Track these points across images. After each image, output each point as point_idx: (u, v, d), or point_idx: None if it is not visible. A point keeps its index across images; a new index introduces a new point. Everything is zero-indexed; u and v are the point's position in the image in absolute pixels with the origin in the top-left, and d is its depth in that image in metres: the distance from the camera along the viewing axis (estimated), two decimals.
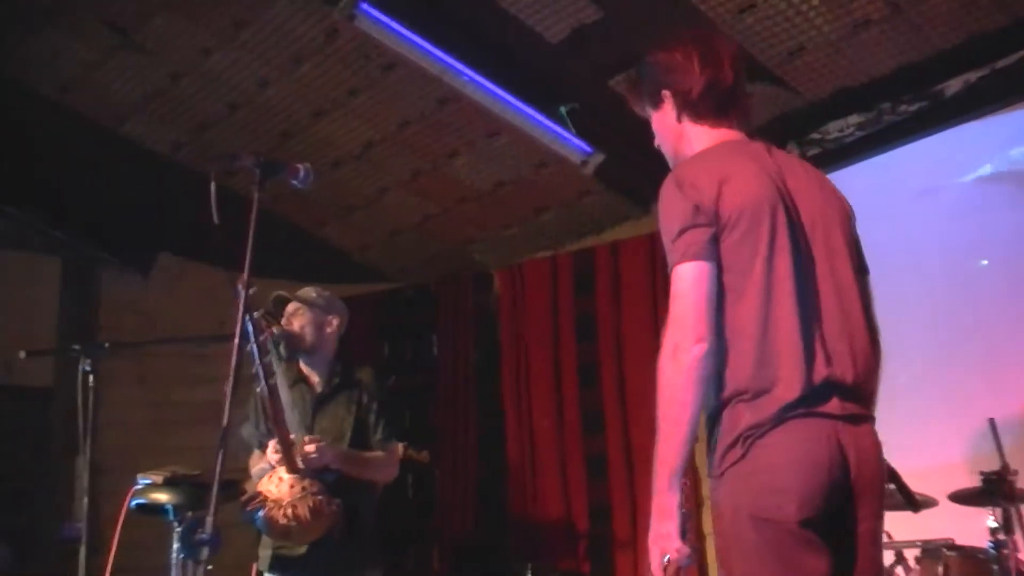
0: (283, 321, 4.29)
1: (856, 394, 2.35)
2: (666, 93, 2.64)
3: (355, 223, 6.85)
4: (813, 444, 2.26)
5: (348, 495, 4.02)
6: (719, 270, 2.35)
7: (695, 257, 2.33)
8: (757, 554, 2.24)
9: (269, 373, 3.78)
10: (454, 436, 6.92)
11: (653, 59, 2.72)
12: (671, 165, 2.64)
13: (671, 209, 2.41)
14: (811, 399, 2.27)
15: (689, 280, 2.32)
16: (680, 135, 2.65)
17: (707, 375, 2.28)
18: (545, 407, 6.57)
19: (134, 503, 4.23)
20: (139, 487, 4.23)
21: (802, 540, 2.22)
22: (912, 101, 5.19)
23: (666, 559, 2.23)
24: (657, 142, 2.72)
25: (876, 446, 2.38)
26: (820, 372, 2.30)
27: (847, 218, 2.57)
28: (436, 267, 7.25)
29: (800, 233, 2.42)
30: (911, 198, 5.40)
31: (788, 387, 2.27)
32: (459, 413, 6.94)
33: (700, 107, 2.62)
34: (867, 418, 2.37)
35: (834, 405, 2.30)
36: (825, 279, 2.42)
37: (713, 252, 2.35)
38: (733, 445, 2.28)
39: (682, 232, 2.36)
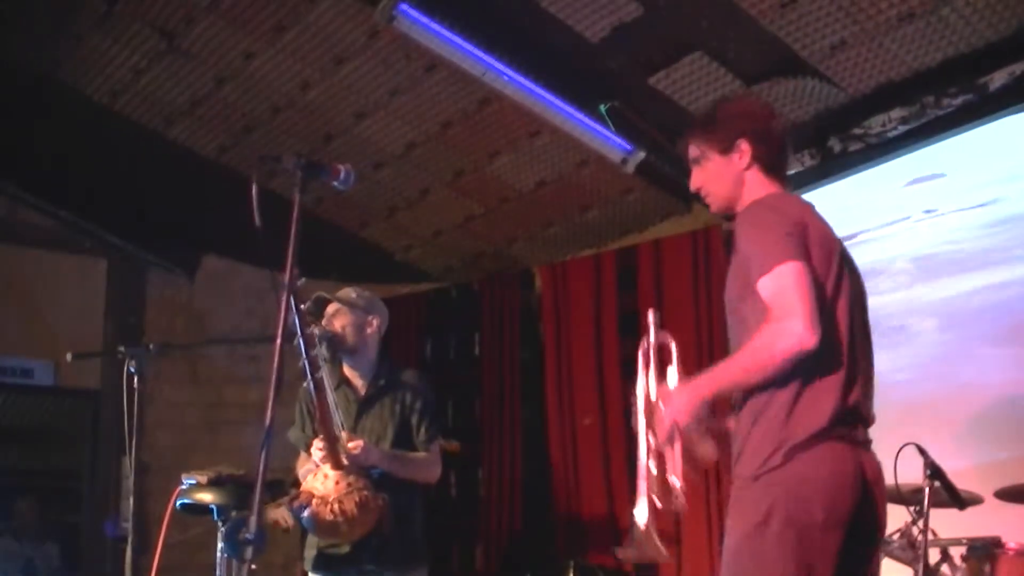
0: (324, 322, 4.29)
1: (868, 424, 2.69)
2: (743, 142, 2.84)
3: (398, 224, 6.88)
4: (842, 464, 2.58)
5: (393, 493, 4.02)
6: None
7: (796, 257, 2.55)
8: (780, 551, 2.50)
9: (315, 367, 3.75)
10: (499, 434, 6.94)
11: (734, 108, 2.97)
12: (715, 208, 2.89)
13: (766, 221, 2.65)
14: (843, 425, 2.59)
15: (793, 276, 2.53)
16: (742, 183, 2.85)
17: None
18: (588, 404, 6.54)
19: (179, 503, 4.25)
20: (184, 487, 4.24)
21: (825, 532, 2.51)
22: (956, 94, 5.13)
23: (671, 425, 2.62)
24: (702, 186, 2.90)
25: (879, 465, 2.73)
26: (853, 403, 2.62)
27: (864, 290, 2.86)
28: (479, 267, 7.27)
29: (853, 285, 2.74)
30: None
31: (828, 412, 2.57)
32: (503, 411, 6.96)
33: (775, 161, 2.88)
34: (871, 442, 2.71)
35: (860, 433, 2.66)
36: (859, 328, 2.73)
37: (808, 259, 2.60)
38: (773, 453, 2.55)
39: (781, 238, 2.59)
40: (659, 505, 2.74)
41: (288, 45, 5.36)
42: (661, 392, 2.75)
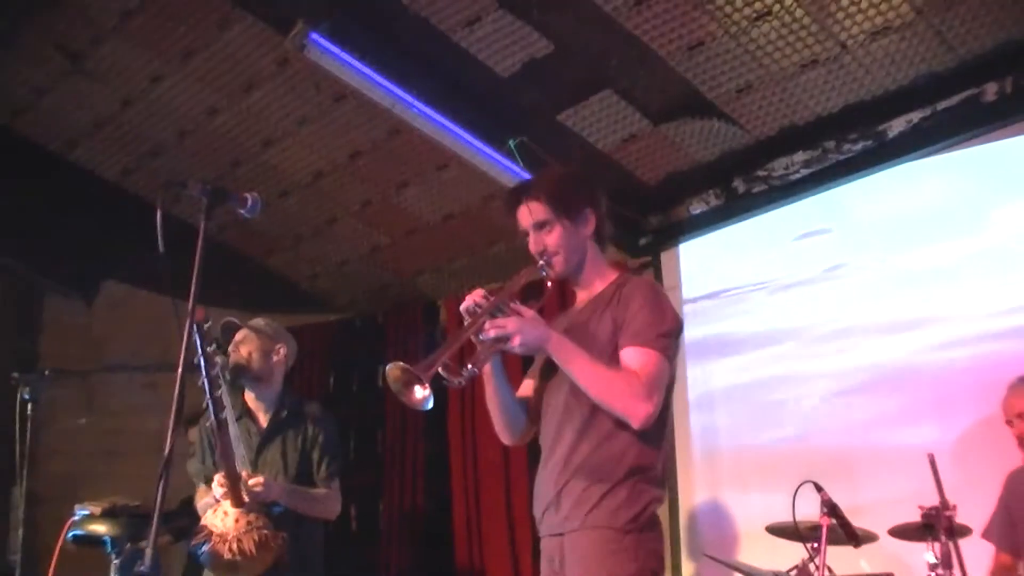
0: (231, 348, 4.27)
1: None
2: (591, 213, 3.09)
3: (304, 253, 6.81)
4: None
5: (293, 528, 4.00)
6: None
7: (672, 361, 2.94)
8: None
9: (220, 407, 3.75)
10: (401, 467, 6.88)
11: (579, 177, 3.22)
12: (558, 272, 3.08)
13: (667, 312, 2.99)
14: None
15: (666, 376, 2.92)
16: (586, 253, 3.10)
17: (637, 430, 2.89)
18: (492, 438, 6.44)
19: (71, 535, 4.14)
20: (77, 518, 4.14)
21: None
22: (857, 140, 5.26)
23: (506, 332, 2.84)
24: (556, 249, 3.05)
25: None
26: None
27: None
28: (385, 298, 7.22)
29: None
30: None
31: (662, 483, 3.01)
32: (406, 444, 6.89)
33: (604, 238, 3.16)
34: None
35: None
36: None
37: None
38: (643, 513, 2.88)
39: (671, 334, 2.95)
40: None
41: (197, 70, 5.29)
42: (526, 308, 2.93)
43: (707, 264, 6.01)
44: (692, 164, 5.67)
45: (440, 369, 2.77)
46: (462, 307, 2.94)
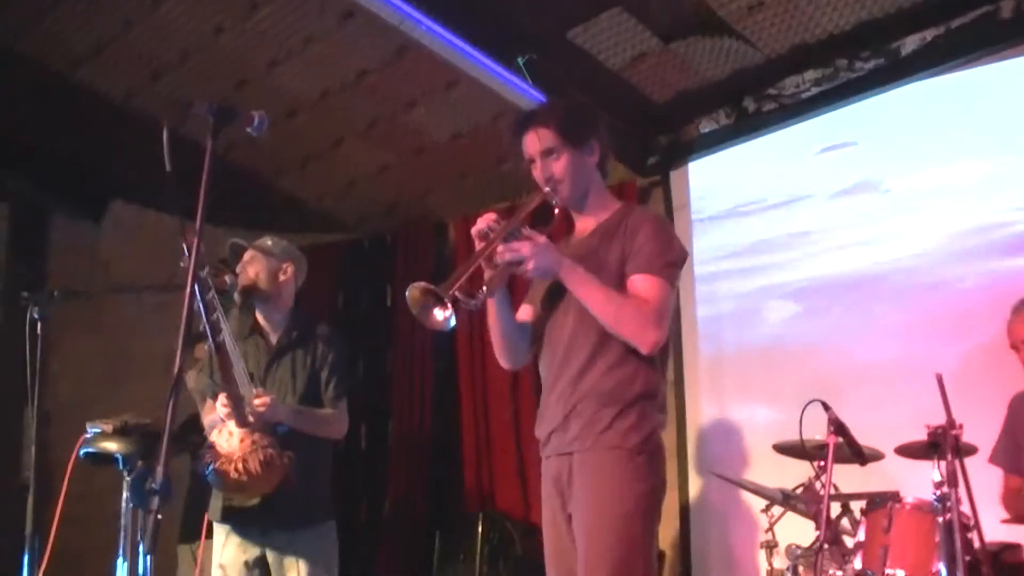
0: (238, 269, 4.28)
1: None
2: (596, 143, 3.18)
3: (311, 173, 6.77)
4: None
5: (300, 448, 4.01)
6: None
7: (675, 288, 3.05)
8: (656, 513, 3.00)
9: (216, 330, 3.75)
10: (410, 387, 6.89)
11: (585, 108, 3.40)
12: (564, 199, 3.15)
13: (673, 242, 3.09)
14: None
15: (670, 301, 3.02)
16: (592, 182, 3.19)
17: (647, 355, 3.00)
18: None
19: (83, 452, 4.18)
20: (89, 436, 4.17)
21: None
22: (869, 58, 5.22)
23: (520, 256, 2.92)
24: (561, 176, 3.12)
25: None
26: None
27: None
28: (394, 218, 7.20)
29: None
30: None
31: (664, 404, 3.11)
32: (414, 364, 6.90)
33: (606, 168, 3.24)
34: None
35: None
36: None
37: None
38: (652, 435, 2.99)
39: (676, 263, 3.05)
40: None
41: None
42: (537, 233, 3.00)
43: (717, 183, 6.00)
44: (702, 83, 5.64)
45: (456, 292, 2.80)
46: (474, 230, 2.99)
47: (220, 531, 4.16)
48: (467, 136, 6.22)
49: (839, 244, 5.44)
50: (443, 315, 2.78)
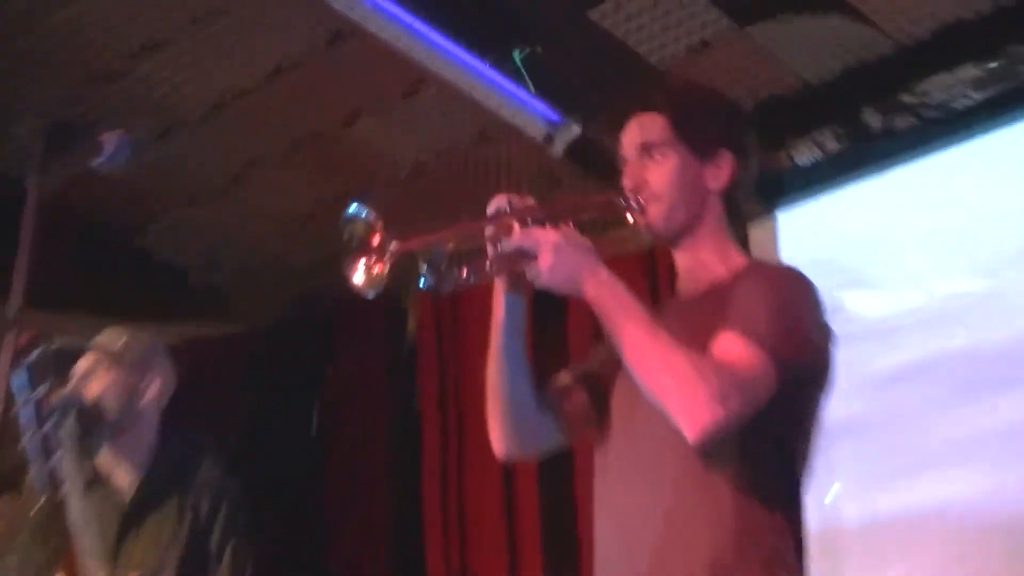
0: (72, 385, 4.22)
1: None
2: (728, 157, 3.14)
3: (197, 224, 6.86)
4: None
5: None
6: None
7: (780, 369, 2.81)
8: None
9: (55, 482, 3.83)
10: (352, 542, 7.06)
11: (726, 103, 3.36)
12: (655, 224, 3.10)
13: (813, 312, 2.99)
14: None
15: (767, 389, 2.80)
16: (703, 214, 3.14)
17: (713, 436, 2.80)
18: (489, 493, 6.69)
19: None
20: None
21: None
22: None
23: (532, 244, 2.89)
24: (656, 187, 3.09)
25: None
26: None
27: None
28: (324, 292, 7.16)
29: None
30: None
31: None
32: (359, 511, 7.06)
33: (738, 201, 3.20)
34: None
35: None
36: None
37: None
38: None
39: (803, 346, 2.90)
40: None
41: None
42: (569, 229, 2.97)
43: (822, 243, 5.94)
44: (798, 86, 5.68)
45: (421, 257, 2.91)
46: (489, 209, 3.02)
47: None
48: (435, 166, 6.37)
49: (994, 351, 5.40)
50: (367, 275, 2.89)
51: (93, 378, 4.24)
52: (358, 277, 2.86)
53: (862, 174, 5.85)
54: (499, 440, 3.24)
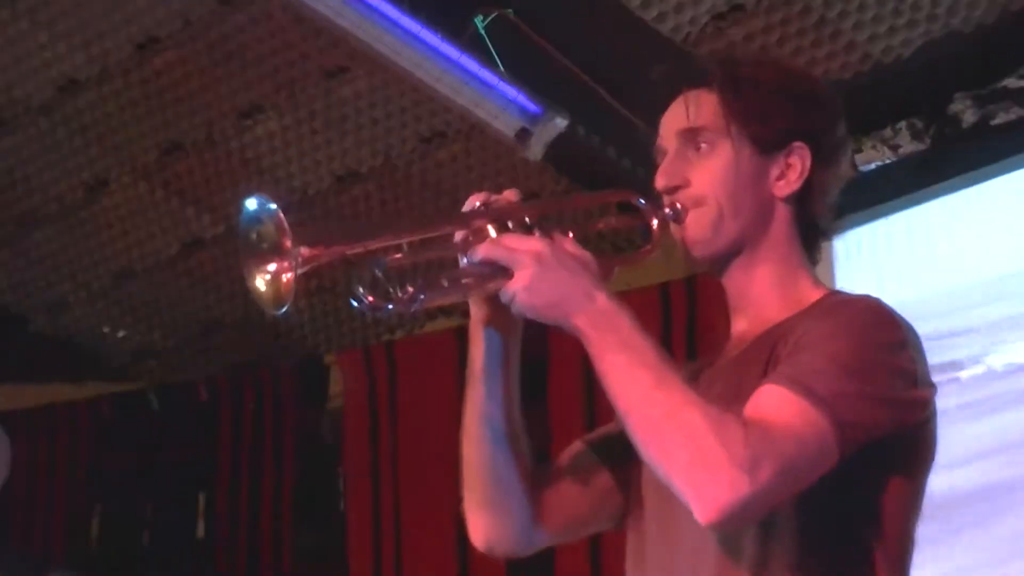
0: None
1: None
2: (803, 147, 2.84)
3: (39, 254, 6.81)
4: None
5: None
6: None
7: (842, 429, 2.55)
8: None
9: None
10: None
11: (806, 81, 3.06)
12: (694, 239, 2.82)
13: (887, 352, 2.68)
14: None
15: (823, 449, 2.54)
16: (769, 219, 2.87)
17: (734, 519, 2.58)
18: None
19: None
20: None
21: None
22: None
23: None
24: (697, 187, 2.83)
25: None
26: None
27: None
28: (214, 348, 7.26)
29: None
30: None
31: None
32: None
33: (820, 222, 2.96)
34: None
35: None
36: None
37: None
38: None
39: (884, 389, 2.63)
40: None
41: None
42: (564, 238, 2.71)
43: (894, 265, 5.88)
44: (862, 66, 5.45)
45: (353, 271, 2.60)
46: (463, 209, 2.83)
47: None
48: (367, 180, 6.22)
49: None
50: (271, 284, 2.57)
51: None
52: (261, 288, 2.53)
53: (947, 184, 5.59)
54: (479, 532, 2.95)
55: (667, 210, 2.78)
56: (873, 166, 5.65)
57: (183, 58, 5.70)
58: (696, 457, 2.50)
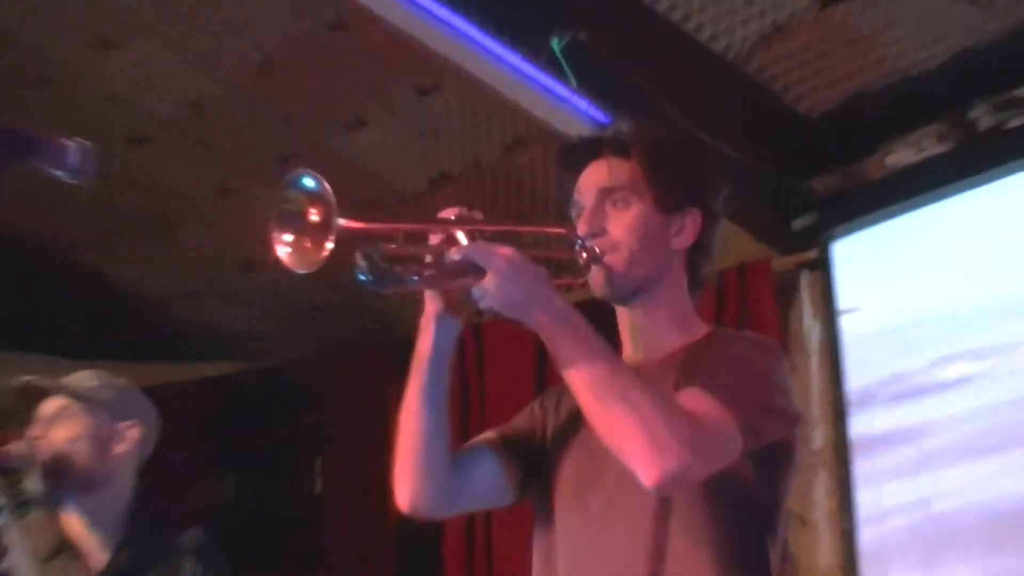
0: (36, 432, 4.21)
1: None
2: (697, 215, 3.28)
3: (173, 247, 6.94)
4: None
5: None
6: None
7: (744, 436, 2.97)
8: None
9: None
10: None
11: (698, 155, 3.50)
12: (619, 275, 3.21)
13: (776, 382, 3.17)
14: None
15: (730, 447, 2.98)
16: (662, 276, 3.29)
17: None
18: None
19: None
20: None
21: None
22: None
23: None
24: (620, 238, 3.22)
25: None
26: None
27: None
28: (324, 331, 7.35)
29: None
30: None
31: None
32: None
33: (700, 274, 3.35)
34: None
35: None
36: None
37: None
38: None
39: (766, 412, 3.08)
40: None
41: None
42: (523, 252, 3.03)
43: (921, 265, 5.97)
44: (891, 78, 5.69)
45: (360, 249, 2.92)
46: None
47: None
48: (457, 180, 6.44)
49: None
50: (304, 245, 2.91)
51: (61, 424, 4.21)
52: (288, 250, 2.90)
53: (971, 182, 5.80)
54: (405, 495, 3.25)
55: (592, 248, 3.17)
56: (903, 163, 5.89)
57: (296, 77, 5.88)
58: (646, 432, 2.85)
